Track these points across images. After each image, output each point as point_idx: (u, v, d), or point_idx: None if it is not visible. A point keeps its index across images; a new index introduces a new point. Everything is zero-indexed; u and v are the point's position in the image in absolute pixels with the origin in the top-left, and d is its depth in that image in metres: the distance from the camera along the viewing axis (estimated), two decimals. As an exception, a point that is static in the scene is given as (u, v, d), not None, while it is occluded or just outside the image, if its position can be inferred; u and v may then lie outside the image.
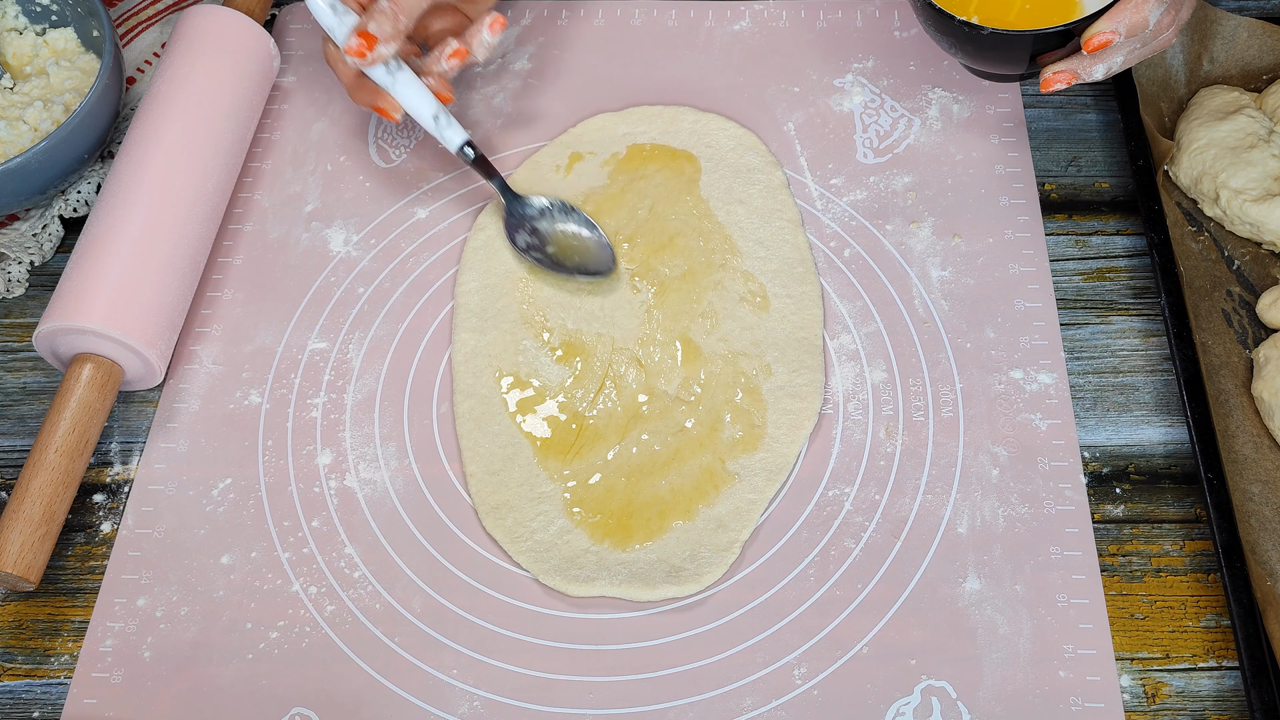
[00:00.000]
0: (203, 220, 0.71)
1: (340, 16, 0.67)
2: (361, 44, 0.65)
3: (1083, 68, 0.65)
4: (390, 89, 0.68)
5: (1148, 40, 0.64)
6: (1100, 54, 0.64)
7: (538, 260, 0.71)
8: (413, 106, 0.69)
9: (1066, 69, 0.65)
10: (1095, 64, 0.65)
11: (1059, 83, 0.65)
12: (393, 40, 0.66)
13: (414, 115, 0.69)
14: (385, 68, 0.68)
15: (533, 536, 0.63)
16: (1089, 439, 0.66)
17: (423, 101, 0.69)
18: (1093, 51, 0.63)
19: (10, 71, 0.79)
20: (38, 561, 0.61)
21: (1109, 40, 0.62)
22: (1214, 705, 0.58)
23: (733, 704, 0.59)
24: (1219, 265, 0.70)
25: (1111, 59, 0.65)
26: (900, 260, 0.72)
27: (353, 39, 0.66)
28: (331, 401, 0.69)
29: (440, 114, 0.70)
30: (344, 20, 0.67)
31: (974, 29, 0.66)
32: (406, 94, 0.69)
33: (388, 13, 0.66)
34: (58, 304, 0.66)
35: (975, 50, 0.69)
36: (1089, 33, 0.63)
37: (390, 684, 0.60)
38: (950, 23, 0.66)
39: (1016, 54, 0.67)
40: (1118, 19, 0.62)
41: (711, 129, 0.77)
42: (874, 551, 0.62)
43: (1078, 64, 0.65)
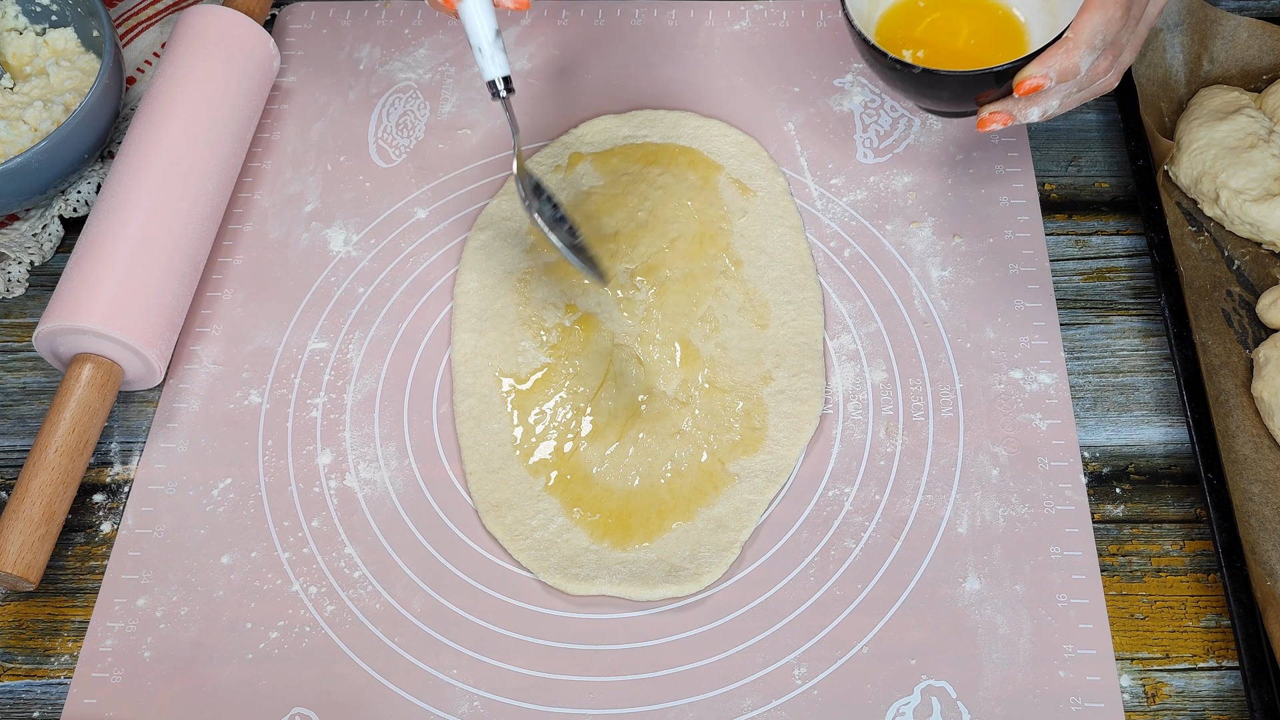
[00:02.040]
0: (203, 220, 0.71)
1: None
2: None
3: (1018, 110, 0.64)
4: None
5: (1085, 86, 0.63)
6: (1034, 97, 0.63)
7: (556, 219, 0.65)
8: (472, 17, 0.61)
9: (1002, 110, 0.64)
10: (1030, 106, 0.63)
11: (995, 123, 0.64)
12: None
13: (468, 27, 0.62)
14: None
15: (532, 535, 0.63)
16: (1089, 439, 0.66)
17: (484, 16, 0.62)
18: (1023, 95, 0.62)
19: (10, 71, 0.79)
20: (38, 561, 0.61)
21: (1039, 85, 0.61)
22: (1214, 705, 0.58)
23: (733, 704, 0.59)
24: (1219, 265, 0.70)
25: (1046, 103, 0.63)
26: (900, 260, 0.72)
27: None
28: (331, 401, 0.69)
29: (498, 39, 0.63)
30: None
31: (906, 67, 0.65)
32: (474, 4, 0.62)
33: None
34: (58, 304, 0.66)
35: (912, 89, 0.68)
36: (1019, 76, 0.62)
37: (390, 684, 0.60)
38: (884, 60, 0.66)
39: (953, 93, 0.67)
40: (1048, 64, 0.61)
41: (713, 135, 0.77)
42: (874, 551, 0.62)
43: (1013, 105, 0.64)
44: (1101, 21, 0.60)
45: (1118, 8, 0.60)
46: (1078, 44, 0.60)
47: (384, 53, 0.83)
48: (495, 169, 0.77)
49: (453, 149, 0.79)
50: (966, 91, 0.66)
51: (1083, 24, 0.60)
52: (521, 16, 0.84)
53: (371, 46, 0.84)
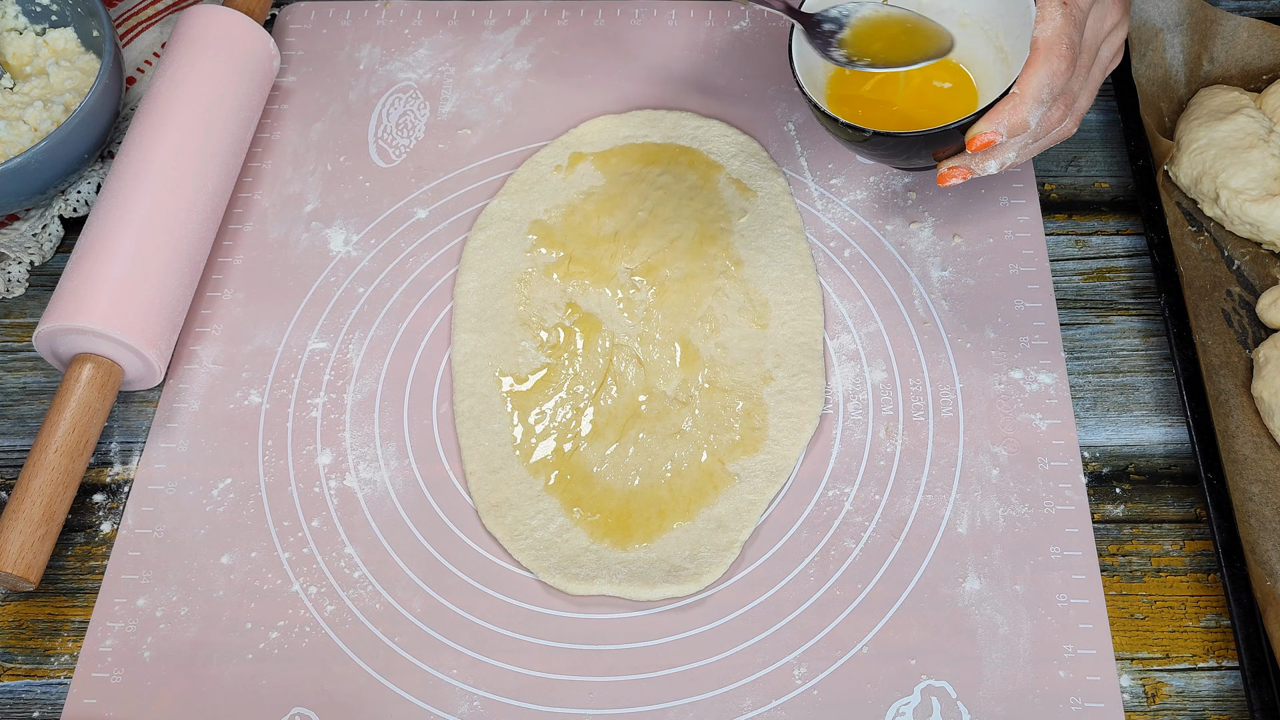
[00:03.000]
0: (203, 220, 0.71)
1: None
2: None
3: (975, 164, 0.63)
4: None
5: (1040, 136, 0.63)
6: (990, 151, 0.62)
7: (867, 65, 0.65)
8: None
9: (960, 164, 0.63)
10: (987, 160, 0.63)
11: (955, 178, 0.63)
12: None
13: None
14: None
15: (532, 534, 0.63)
16: (1089, 439, 0.66)
17: None
18: (977, 150, 0.62)
19: (10, 71, 0.79)
20: (38, 561, 0.61)
21: (990, 141, 0.61)
22: (1214, 705, 0.58)
23: (732, 704, 0.59)
24: (1219, 265, 0.70)
25: (1003, 155, 0.63)
26: (900, 260, 0.72)
27: None
28: (331, 401, 0.69)
29: None
30: None
31: (857, 130, 0.64)
32: None
33: None
34: (58, 304, 0.66)
35: (866, 150, 0.67)
36: (970, 134, 0.61)
37: (390, 684, 0.60)
38: (835, 124, 0.65)
39: (906, 151, 0.66)
40: (996, 121, 0.60)
41: (713, 135, 0.77)
42: (874, 551, 0.62)
43: (969, 160, 0.63)
44: (1047, 75, 0.59)
45: (1062, 60, 0.59)
46: (1024, 99, 0.60)
47: (384, 53, 0.83)
48: (495, 169, 0.77)
49: (453, 149, 0.79)
50: (919, 149, 0.65)
51: (1028, 79, 0.60)
52: (521, 16, 0.84)
53: (371, 46, 0.84)
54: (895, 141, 0.65)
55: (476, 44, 0.84)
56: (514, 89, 0.81)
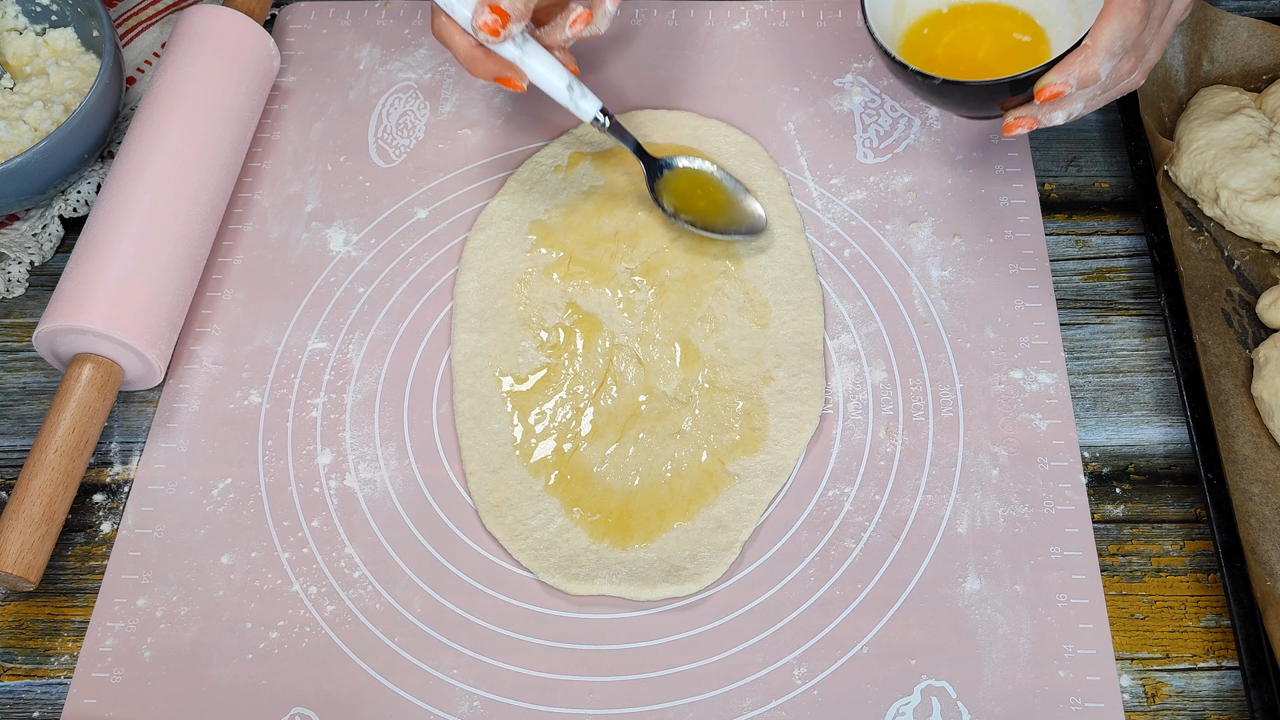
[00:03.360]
0: (203, 220, 0.71)
1: None
2: (495, 20, 0.63)
3: (1042, 114, 0.64)
4: (519, 62, 0.66)
5: (1110, 87, 0.64)
6: (1056, 102, 0.63)
7: (689, 224, 0.71)
8: (543, 79, 0.67)
9: (1027, 114, 0.64)
10: (1053, 110, 0.64)
11: (1020, 128, 0.64)
12: (524, 16, 0.64)
13: (544, 88, 0.68)
14: (514, 41, 0.66)
15: (532, 534, 0.63)
16: (1089, 439, 0.66)
17: (554, 73, 0.67)
18: (1045, 101, 0.62)
19: (10, 71, 0.79)
20: (38, 561, 0.61)
21: (1060, 92, 0.61)
22: (1214, 705, 0.58)
23: (733, 704, 0.59)
24: (1219, 265, 0.70)
25: (1070, 106, 0.63)
26: (900, 260, 0.72)
27: (484, 14, 0.63)
28: (331, 401, 0.69)
29: (573, 84, 0.68)
30: None
31: (926, 78, 0.66)
32: (536, 66, 0.67)
33: None
34: (58, 304, 0.66)
35: (937, 97, 0.69)
36: (1039, 84, 0.62)
37: (390, 684, 0.60)
38: (905, 71, 0.66)
39: (975, 101, 0.67)
40: (1067, 72, 0.61)
41: (713, 135, 0.77)
42: (874, 551, 0.62)
43: (1037, 110, 0.64)
44: (1120, 28, 0.60)
45: (1136, 13, 0.60)
46: (1096, 51, 0.60)
47: (384, 53, 0.83)
48: (495, 169, 0.77)
49: (453, 149, 0.79)
50: (988, 99, 0.66)
51: (1101, 31, 0.60)
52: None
53: (371, 46, 0.84)
54: (964, 91, 0.66)
55: (476, 44, 0.83)
56: (514, 89, 0.81)
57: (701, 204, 0.72)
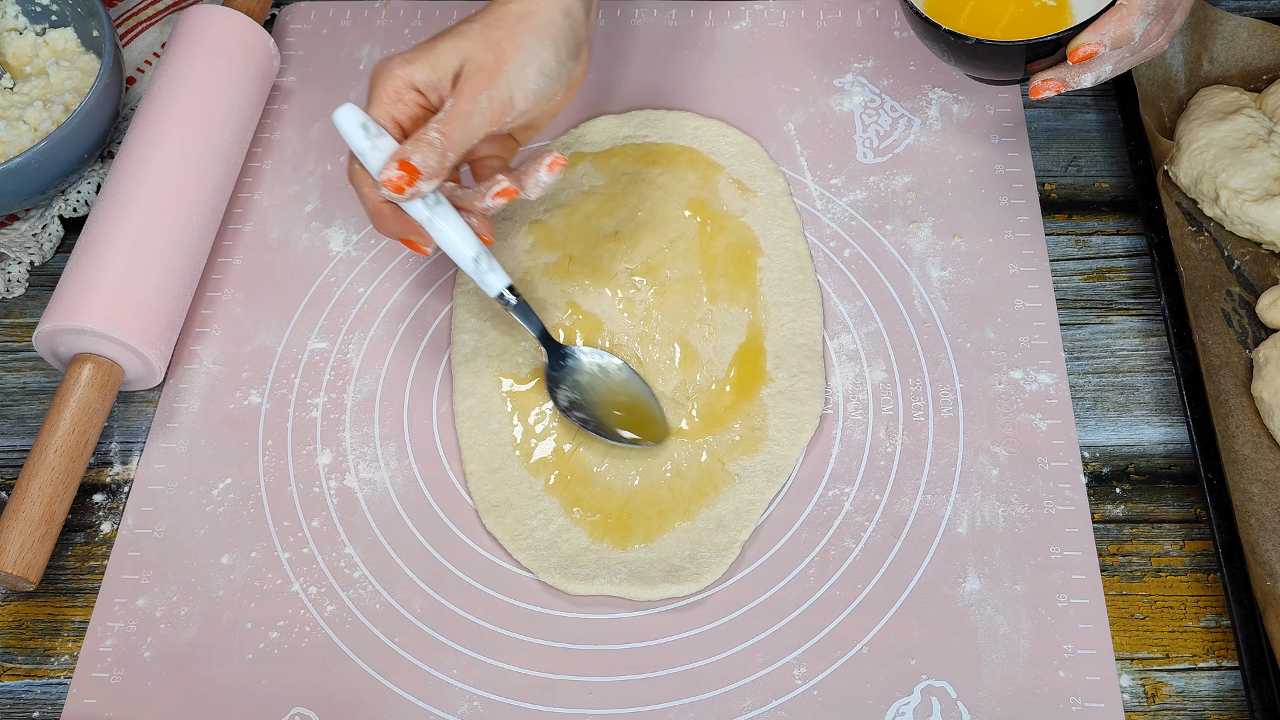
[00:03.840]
0: (203, 220, 0.71)
1: (373, 139, 0.59)
2: (402, 177, 0.58)
3: (1071, 76, 0.64)
4: (428, 225, 0.61)
5: (1137, 50, 0.64)
6: (1088, 64, 0.64)
7: (581, 422, 0.65)
8: (451, 246, 0.61)
9: (1055, 77, 0.64)
10: (1083, 73, 0.64)
11: (1048, 90, 0.65)
12: (437, 176, 0.59)
13: (451, 255, 0.62)
14: (423, 202, 0.60)
15: (532, 534, 0.63)
16: (1089, 439, 0.66)
17: (463, 241, 0.61)
18: (1079, 62, 0.63)
19: (10, 71, 0.79)
20: (38, 561, 0.61)
21: (1094, 52, 0.62)
22: (1214, 705, 0.58)
23: (733, 704, 0.59)
24: (1219, 265, 0.70)
25: (1100, 68, 0.64)
26: (900, 260, 0.72)
27: (391, 169, 0.58)
28: (331, 401, 0.69)
29: (481, 256, 0.62)
30: (378, 144, 0.59)
31: (959, 38, 0.66)
32: (445, 231, 0.61)
33: (435, 145, 0.58)
34: (58, 304, 0.66)
35: (965, 58, 0.69)
36: (1074, 44, 0.62)
37: (390, 684, 0.60)
38: (937, 31, 0.67)
39: (1004, 62, 0.68)
40: (1102, 31, 0.62)
41: (713, 135, 0.77)
42: (874, 551, 0.62)
43: (1066, 72, 0.64)
44: None
45: None
46: (1132, 10, 0.61)
47: (384, 53, 0.83)
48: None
49: (453, 149, 0.78)
50: (1018, 61, 0.66)
51: None
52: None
53: (371, 46, 0.84)
54: (996, 52, 0.66)
55: (476, 44, 0.83)
56: (514, 89, 0.81)
57: (604, 401, 0.66)
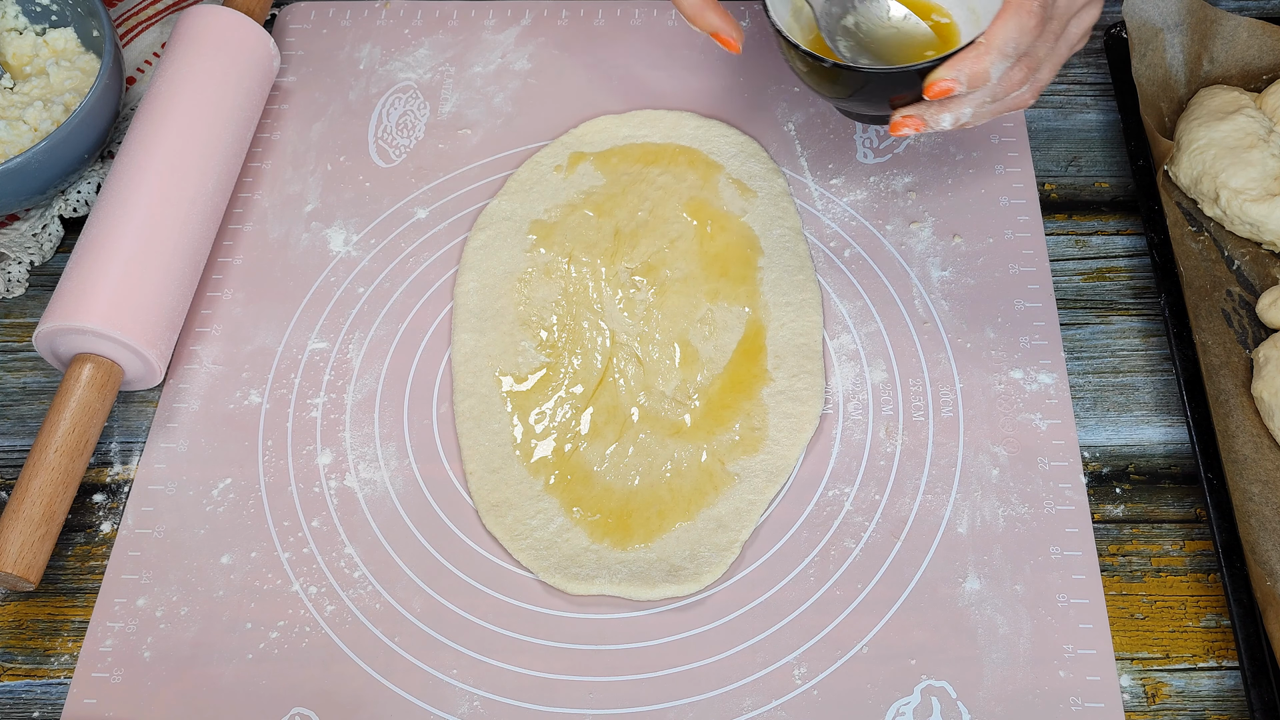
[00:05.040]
0: (203, 220, 0.71)
1: None
2: None
3: (930, 115, 0.62)
4: None
5: (999, 97, 0.62)
6: (946, 103, 0.61)
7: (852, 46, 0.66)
8: None
9: (915, 114, 0.62)
10: (942, 112, 0.61)
11: (907, 128, 0.62)
12: None
13: None
14: None
15: (532, 534, 0.63)
16: (1089, 439, 0.66)
17: None
18: (934, 99, 0.60)
19: (10, 71, 0.79)
20: (38, 561, 0.61)
21: (949, 89, 0.59)
22: (1214, 705, 0.58)
23: (733, 704, 0.59)
24: (1219, 265, 0.70)
25: (959, 109, 0.61)
26: (900, 260, 0.72)
27: None
28: (331, 401, 0.69)
29: None
30: None
31: (817, 60, 0.63)
32: None
33: None
34: (58, 304, 0.66)
35: (827, 85, 0.66)
36: (929, 79, 0.60)
37: (390, 684, 0.60)
38: (796, 51, 0.64)
39: (867, 93, 0.64)
40: (958, 69, 0.59)
41: (713, 135, 0.77)
42: (874, 551, 0.62)
43: (925, 110, 0.62)
44: (1015, 29, 0.59)
45: (1032, 17, 0.59)
46: (989, 49, 0.59)
47: (384, 53, 0.83)
48: (495, 169, 0.77)
49: (453, 149, 0.79)
50: (880, 92, 0.64)
51: (996, 30, 0.59)
52: (521, 16, 0.84)
53: (371, 46, 0.84)
54: (853, 78, 0.63)
55: (476, 44, 0.84)
56: (514, 89, 0.81)
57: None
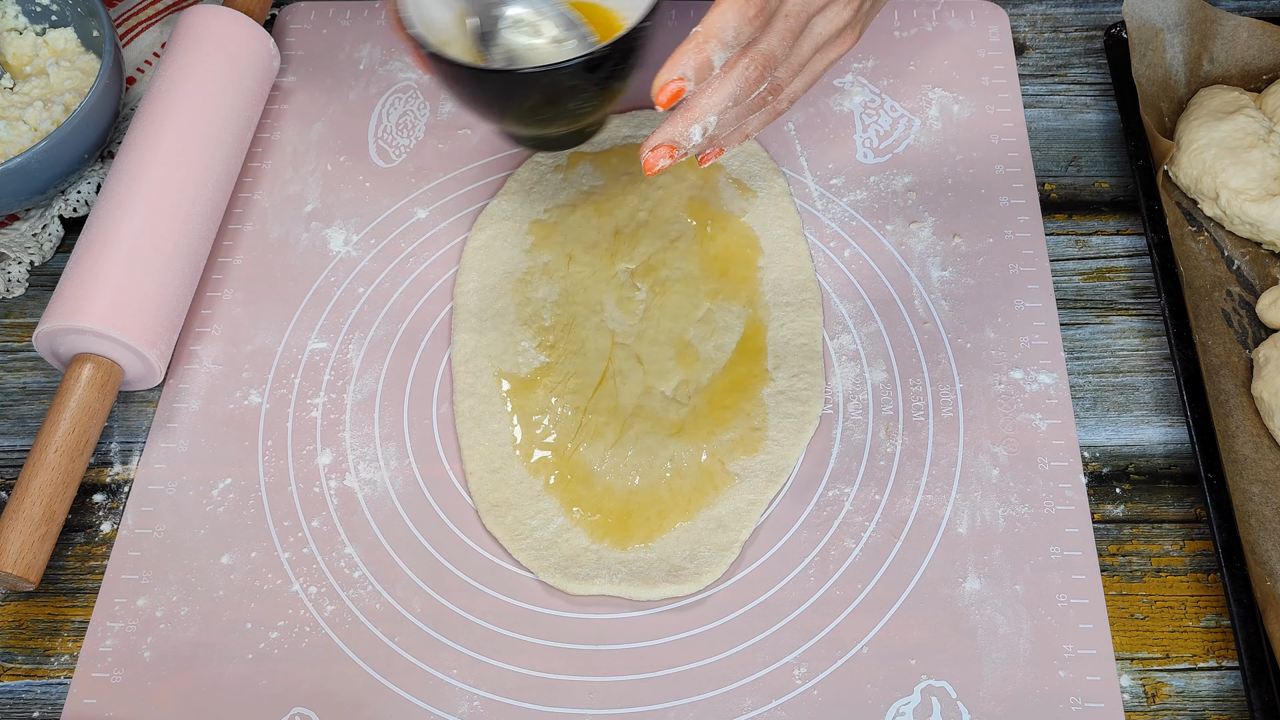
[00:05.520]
0: (203, 220, 0.71)
1: None
2: None
3: (676, 133, 0.57)
4: None
5: (740, 99, 0.57)
6: (686, 111, 0.56)
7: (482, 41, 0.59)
8: None
9: (663, 141, 0.57)
10: (686, 125, 0.57)
11: (662, 159, 0.57)
12: None
13: None
14: None
15: (532, 534, 0.63)
16: (1089, 439, 0.66)
17: None
18: (667, 106, 0.55)
19: (10, 71, 0.79)
20: (38, 561, 0.61)
21: (680, 89, 0.54)
22: (1214, 705, 0.58)
23: (733, 704, 0.59)
24: (1219, 265, 0.70)
25: (702, 117, 0.57)
26: (900, 260, 0.72)
27: None
28: (331, 401, 0.69)
29: None
30: None
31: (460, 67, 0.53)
32: None
33: None
34: (58, 304, 0.66)
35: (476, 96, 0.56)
36: (656, 84, 0.54)
37: (390, 684, 0.60)
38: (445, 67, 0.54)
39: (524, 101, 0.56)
40: (679, 64, 0.54)
41: (712, 131, 0.77)
42: (874, 551, 0.62)
43: (670, 131, 0.57)
44: (734, 15, 0.55)
45: (750, 6, 0.55)
46: (706, 36, 0.55)
47: (384, 53, 0.83)
48: (495, 169, 0.77)
49: (453, 149, 0.79)
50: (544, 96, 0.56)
51: (711, 18, 0.55)
52: (521, 16, 0.84)
53: (371, 46, 0.84)
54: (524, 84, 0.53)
55: (476, 44, 0.83)
56: (514, 89, 0.81)
57: None
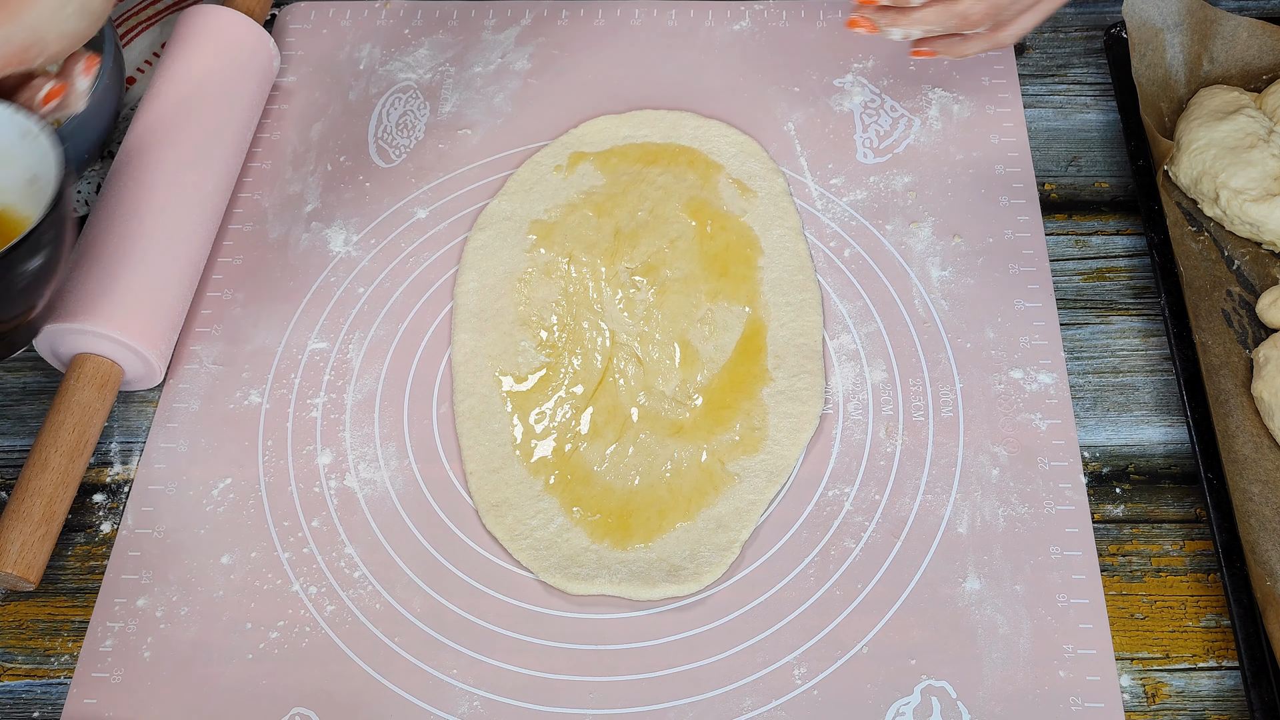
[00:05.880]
0: (203, 220, 0.71)
1: None
2: None
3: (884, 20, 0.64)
4: None
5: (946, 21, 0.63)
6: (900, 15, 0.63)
7: None
8: None
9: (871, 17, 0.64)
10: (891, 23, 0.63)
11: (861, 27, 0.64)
12: None
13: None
14: None
15: (532, 534, 0.63)
16: (1089, 439, 0.66)
17: None
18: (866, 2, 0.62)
19: (10, 71, 0.79)
20: (38, 561, 0.61)
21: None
22: (1214, 705, 0.58)
23: (733, 704, 0.59)
24: (1219, 265, 0.70)
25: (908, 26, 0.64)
26: (900, 260, 0.72)
27: None
28: (331, 401, 0.69)
29: None
30: None
31: None
32: None
33: None
34: (58, 304, 0.66)
35: None
36: None
37: (390, 684, 0.60)
38: None
39: None
40: None
41: (713, 135, 0.77)
42: (874, 551, 0.62)
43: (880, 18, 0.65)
44: None
45: None
46: None
47: (384, 53, 0.83)
48: (495, 169, 0.77)
49: (453, 149, 0.79)
50: None
51: None
52: (521, 16, 0.84)
53: (371, 46, 0.84)
54: None
55: (476, 44, 0.84)
56: (514, 89, 0.81)
57: None
